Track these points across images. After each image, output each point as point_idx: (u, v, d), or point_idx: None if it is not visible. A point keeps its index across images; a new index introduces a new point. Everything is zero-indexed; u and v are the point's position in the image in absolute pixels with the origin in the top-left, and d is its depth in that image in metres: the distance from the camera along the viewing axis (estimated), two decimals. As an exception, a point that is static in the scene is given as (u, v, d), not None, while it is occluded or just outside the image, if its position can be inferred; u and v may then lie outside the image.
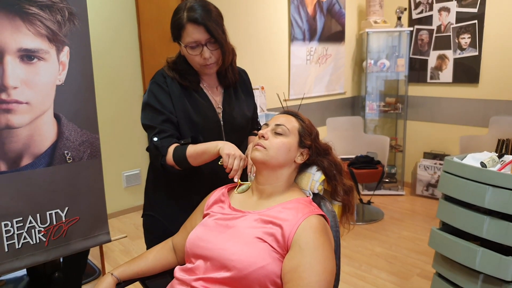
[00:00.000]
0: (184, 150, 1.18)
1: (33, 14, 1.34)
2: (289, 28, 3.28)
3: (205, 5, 1.19)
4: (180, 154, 1.18)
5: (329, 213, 1.11)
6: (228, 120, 1.33)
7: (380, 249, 2.71)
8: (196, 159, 1.18)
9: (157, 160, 1.22)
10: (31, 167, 1.43)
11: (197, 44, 1.18)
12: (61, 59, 1.45)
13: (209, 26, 1.16)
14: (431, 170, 3.59)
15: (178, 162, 1.19)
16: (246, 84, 1.44)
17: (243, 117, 1.37)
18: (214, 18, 1.19)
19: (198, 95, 1.30)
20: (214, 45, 1.20)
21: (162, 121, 1.23)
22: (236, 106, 1.36)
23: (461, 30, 3.41)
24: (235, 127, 1.34)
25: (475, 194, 1.56)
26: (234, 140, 1.32)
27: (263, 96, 3.10)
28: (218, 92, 1.35)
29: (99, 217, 1.66)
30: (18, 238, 1.44)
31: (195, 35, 1.17)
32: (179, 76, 1.27)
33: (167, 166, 1.21)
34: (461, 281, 1.64)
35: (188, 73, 1.28)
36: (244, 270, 0.92)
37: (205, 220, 1.11)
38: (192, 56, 1.21)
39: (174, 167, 1.21)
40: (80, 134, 1.55)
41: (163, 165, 1.21)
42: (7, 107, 1.34)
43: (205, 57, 1.20)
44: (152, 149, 1.22)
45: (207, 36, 1.18)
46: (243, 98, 1.40)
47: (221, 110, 1.32)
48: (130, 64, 3.32)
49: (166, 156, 1.20)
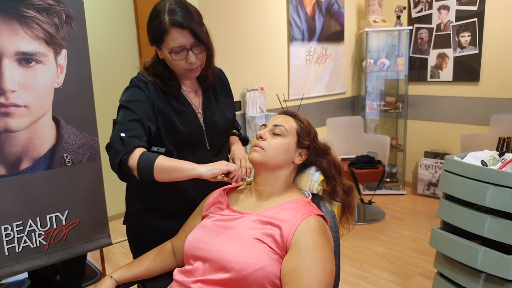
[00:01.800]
0: (153, 158, 1.05)
1: (30, 17, 1.34)
2: (288, 28, 3.28)
3: (185, 6, 1.13)
4: (147, 160, 1.05)
5: (328, 213, 1.10)
6: (210, 124, 1.27)
7: (382, 249, 2.70)
8: (163, 173, 1.05)
9: (116, 156, 1.06)
10: (30, 170, 1.43)
11: (181, 49, 1.13)
12: (59, 62, 1.45)
13: (194, 29, 1.11)
14: (432, 169, 3.58)
15: (141, 169, 1.05)
16: (225, 85, 1.38)
17: (225, 121, 1.32)
18: (196, 20, 1.14)
19: (179, 102, 1.23)
20: (199, 48, 1.15)
21: (132, 120, 1.12)
22: (216, 110, 1.30)
23: (461, 28, 3.40)
24: (217, 131, 1.30)
25: (476, 193, 1.55)
26: (217, 144, 1.30)
27: (262, 96, 3.09)
28: (198, 96, 1.29)
29: (99, 220, 1.66)
30: (18, 241, 1.44)
31: (180, 40, 1.11)
32: (160, 81, 1.20)
33: (126, 167, 1.06)
34: (463, 281, 1.63)
35: (169, 78, 1.21)
36: (243, 271, 0.92)
37: (204, 222, 1.11)
38: (177, 61, 1.15)
39: (133, 172, 1.06)
40: (79, 137, 1.55)
41: (122, 163, 1.06)
42: (6, 111, 1.34)
43: (191, 61, 1.15)
44: (116, 143, 1.08)
45: (192, 40, 1.12)
46: (222, 100, 1.34)
47: (201, 115, 1.27)
48: (129, 67, 3.32)
49: (131, 155, 1.06)
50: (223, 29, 2.80)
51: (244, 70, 3.00)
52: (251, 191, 1.14)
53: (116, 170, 1.08)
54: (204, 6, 2.61)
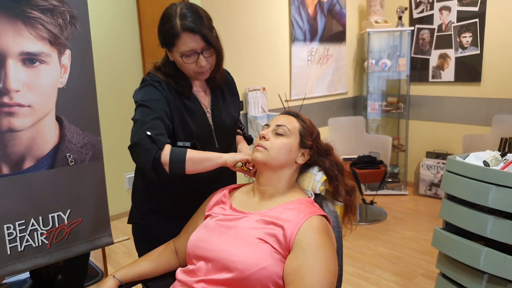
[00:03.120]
0: (184, 152, 1.10)
1: (35, 18, 1.35)
2: (290, 29, 3.28)
3: (196, 11, 1.15)
4: (178, 154, 1.09)
5: (331, 213, 1.10)
6: (219, 123, 1.31)
7: (383, 249, 2.70)
8: (194, 165, 1.10)
9: (148, 155, 1.07)
10: (33, 169, 1.43)
11: (192, 53, 1.15)
12: (63, 62, 1.46)
13: (205, 34, 1.13)
14: (434, 170, 3.58)
15: (174, 163, 1.08)
16: (231, 85, 1.41)
17: (232, 120, 1.35)
18: (207, 24, 1.16)
19: (190, 101, 1.26)
20: (209, 51, 1.18)
21: (155, 118, 1.14)
22: (224, 109, 1.34)
23: (462, 29, 3.40)
24: (225, 130, 1.33)
25: (479, 193, 1.55)
26: (225, 143, 1.33)
27: (264, 97, 3.10)
28: (207, 95, 1.32)
29: (101, 219, 1.66)
30: (20, 240, 1.44)
31: (191, 44, 1.13)
32: (173, 81, 1.23)
33: (160, 164, 1.07)
34: (466, 281, 1.63)
35: (180, 78, 1.24)
36: (246, 271, 0.92)
37: (207, 221, 1.11)
38: (187, 65, 1.18)
39: (165, 169, 1.09)
40: (82, 137, 1.55)
41: (156, 160, 1.07)
42: (10, 110, 1.35)
43: (202, 65, 1.17)
44: (144, 141, 1.09)
45: (203, 44, 1.15)
46: (229, 100, 1.37)
47: (210, 114, 1.30)
48: (131, 67, 3.33)
49: (162, 151, 1.08)
50: (226, 30, 2.80)
51: (246, 70, 3.00)
52: (254, 191, 1.14)
53: (149, 168, 1.08)
54: (207, 7, 2.61)
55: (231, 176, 1.39)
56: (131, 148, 1.12)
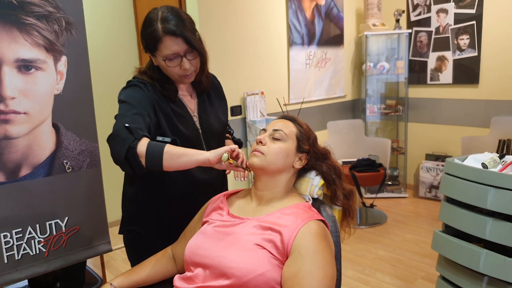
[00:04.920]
0: (162, 145, 1.05)
1: (30, 25, 1.35)
2: (288, 33, 3.29)
3: (177, 14, 1.15)
4: (156, 147, 1.04)
5: (329, 218, 1.10)
6: (206, 127, 1.30)
7: (384, 252, 2.69)
8: (172, 159, 1.03)
9: (124, 143, 1.03)
10: (30, 177, 1.42)
11: (175, 56, 1.15)
12: (59, 68, 1.45)
13: (187, 36, 1.13)
14: (434, 172, 3.57)
15: (150, 155, 1.03)
16: (218, 89, 1.41)
17: (220, 123, 1.35)
18: (189, 27, 1.15)
19: (176, 105, 1.25)
20: (192, 54, 1.18)
21: (135, 114, 1.11)
22: (211, 113, 1.33)
23: (459, 31, 3.40)
24: (213, 134, 1.32)
25: (477, 195, 1.55)
26: (214, 147, 1.30)
27: (263, 101, 3.09)
28: (193, 99, 1.32)
29: (99, 227, 1.65)
30: (17, 249, 1.43)
31: (173, 47, 1.13)
32: (159, 84, 1.22)
33: (135, 154, 1.02)
34: (466, 284, 1.62)
35: (166, 82, 1.23)
36: (244, 277, 0.91)
37: (204, 228, 1.10)
38: (171, 68, 1.17)
39: (140, 161, 1.03)
40: (79, 143, 1.54)
41: (131, 149, 1.02)
42: (5, 118, 1.34)
43: (185, 68, 1.17)
44: (122, 131, 1.05)
45: (185, 47, 1.15)
46: (217, 104, 1.37)
47: (197, 118, 1.30)
48: (129, 73, 3.30)
49: (139, 142, 1.04)
50: (223, 34, 2.81)
51: (244, 74, 3.00)
52: (251, 196, 1.14)
53: (122, 158, 1.03)
54: (204, 11, 2.62)
55: (222, 179, 1.39)
56: (108, 140, 1.09)
